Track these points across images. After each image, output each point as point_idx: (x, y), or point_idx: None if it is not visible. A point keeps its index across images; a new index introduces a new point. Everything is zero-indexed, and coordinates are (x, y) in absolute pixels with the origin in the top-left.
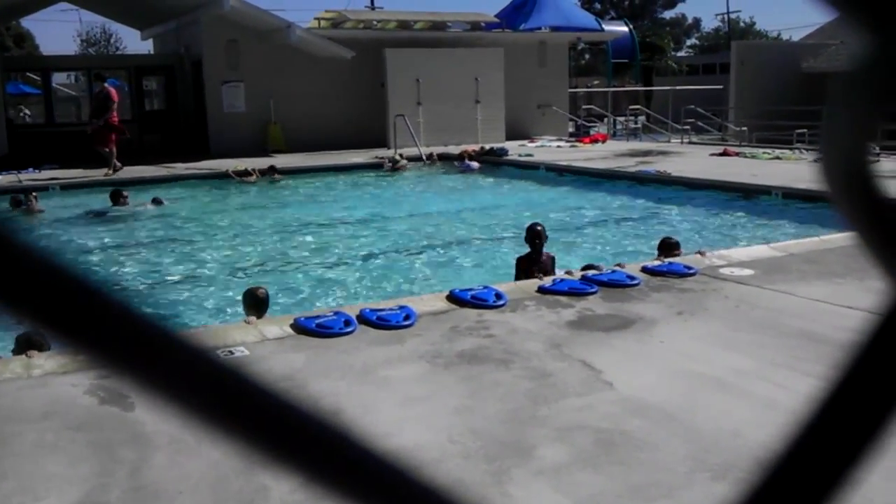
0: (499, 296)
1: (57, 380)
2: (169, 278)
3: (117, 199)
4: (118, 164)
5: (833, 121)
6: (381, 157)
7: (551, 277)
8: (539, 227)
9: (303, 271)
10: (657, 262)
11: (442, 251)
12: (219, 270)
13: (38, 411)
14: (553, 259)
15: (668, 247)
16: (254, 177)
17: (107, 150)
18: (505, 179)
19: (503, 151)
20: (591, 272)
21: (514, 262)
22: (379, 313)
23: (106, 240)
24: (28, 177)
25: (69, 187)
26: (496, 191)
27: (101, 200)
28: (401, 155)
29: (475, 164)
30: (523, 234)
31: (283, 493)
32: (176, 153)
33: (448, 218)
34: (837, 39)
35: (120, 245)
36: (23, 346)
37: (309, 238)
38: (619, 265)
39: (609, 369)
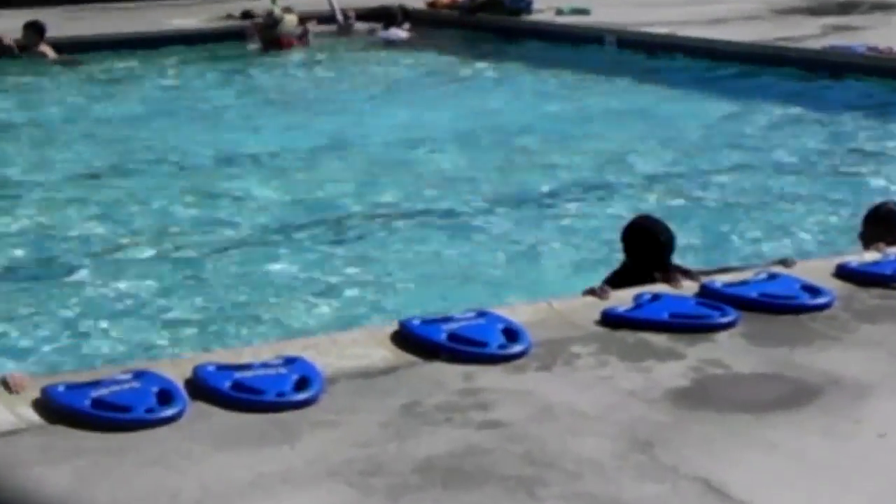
0: (512, 333)
1: None
2: None
3: None
4: None
5: None
6: (240, 18)
7: (632, 295)
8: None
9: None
10: (869, 258)
11: (378, 221)
12: None
13: None
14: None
15: (885, 220)
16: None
17: None
18: (524, 68)
19: (523, 4)
20: (721, 279)
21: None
22: (238, 374)
23: None
24: None
25: None
26: (497, 93)
27: None
28: (288, 9)
29: (403, 34)
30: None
31: None
32: None
33: (397, 150)
34: None
35: None
36: None
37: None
38: (782, 262)
39: (760, 496)
